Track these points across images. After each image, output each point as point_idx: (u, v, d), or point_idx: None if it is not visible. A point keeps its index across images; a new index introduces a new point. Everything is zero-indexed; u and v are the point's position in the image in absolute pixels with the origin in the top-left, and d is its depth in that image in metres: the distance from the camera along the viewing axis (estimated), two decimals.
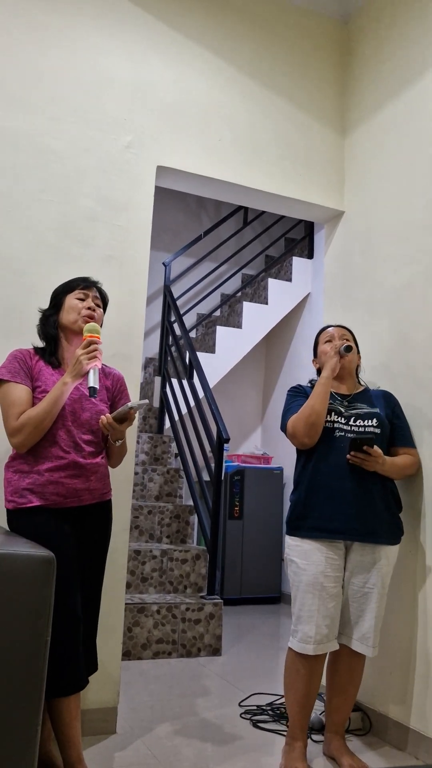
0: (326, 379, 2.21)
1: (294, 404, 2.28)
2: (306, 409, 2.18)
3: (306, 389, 2.34)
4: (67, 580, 1.86)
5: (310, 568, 2.11)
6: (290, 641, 2.15)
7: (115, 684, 2.39)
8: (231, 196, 3.02)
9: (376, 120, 2.94)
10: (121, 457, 2.14)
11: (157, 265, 5.88)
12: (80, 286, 2.06)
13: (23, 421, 1.89)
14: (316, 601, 2.09)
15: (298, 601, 2.13)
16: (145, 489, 4.27)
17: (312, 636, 2.07)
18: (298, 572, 2.14)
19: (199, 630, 3.48)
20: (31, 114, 2.53)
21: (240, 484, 5.00)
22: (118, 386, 2.16)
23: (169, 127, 2.78)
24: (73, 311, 2.02)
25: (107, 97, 2.68)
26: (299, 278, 5.40)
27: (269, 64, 3.05)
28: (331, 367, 2.23)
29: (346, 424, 2.23)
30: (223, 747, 2.27)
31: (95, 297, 2.08)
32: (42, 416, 1.88)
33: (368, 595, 2.16)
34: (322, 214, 3.16)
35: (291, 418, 2.22)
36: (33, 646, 1.36)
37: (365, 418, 2.25)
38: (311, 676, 2.10)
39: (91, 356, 1.89)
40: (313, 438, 2.18)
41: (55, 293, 2.09)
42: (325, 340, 2.37)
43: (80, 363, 1.88)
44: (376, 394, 2.40)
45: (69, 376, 1.89)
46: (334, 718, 2.23)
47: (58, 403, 1.90)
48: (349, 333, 2.40)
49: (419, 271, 2.55)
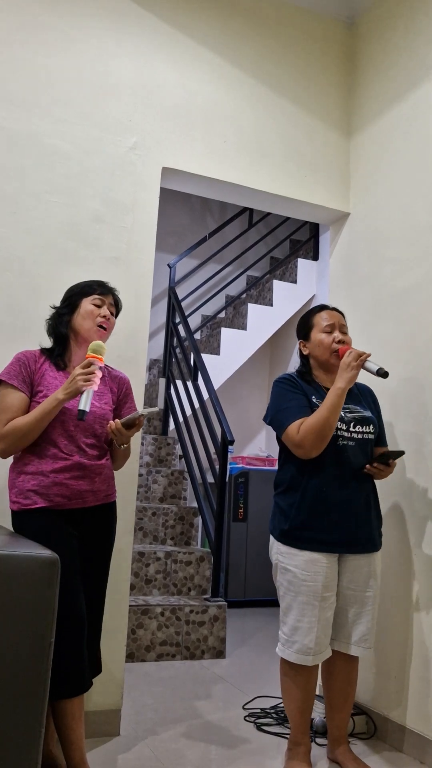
0: (342, 391, 2.03)
1: (292, 404, 2.10)
2: (320, 421, 2.01)
3: (299, 383, 2.17)
4: (71, 582, 1.86)
5: (311, 579, 2.04)
6: (282, 651, 2.07)
7: (119, 686, 2.38)
8: (236, 197, 3.02)
9: (382, 122, 2.94)
10: (125, 459, 2.13)
11: (162, 267, 5.89)
12: (98, 291, 2.05)
13: (9, 429, 1.88)
14: (317, 613, 2.03)
15: (296, 611, 2.04)
16: (149, 491, 4.27)
17: (312, 647, 2.03)
18: (296, 582, 2.05)
19: (203, 632, 3.47)
20: (37, 116, 2.54)
21: (244, 486, 4.99)
22: (124, 389, 2.15)
23: (174, 129, 2.78)
24: (89, 317, 2.01)
25: (112, 99, 2.68)
26: (304, 280, 5.39)
27: (274, 66, 3.05)
28: (350, 380, 2.04)
29: (347, 431, 2.13)
30: (227, 750, 2.27)
31: (111, 304, 2.07)
32: (28, 428, 1.88)
33: (365, 599, 2.14)
34: (327, 216, 3.15)
35: (296, 426, 2.05)
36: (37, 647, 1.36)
37: (363, 423, 2.16)
38: (308, 682, 2.08)
39: (86, 378, 1.84)
40: (321, 450, 2.05)
41: (71, 293, 2.07)
42: (323, 327, 2.19)
43: (75, 383, 1.85)
44: (361, 389, 2.31)
45: (62, 393, 1.87)
46: (336, 722, 2.21)
47: (46, 417, 1.88)
48: (345, 321, 2.24)
49: (425, 274, 2.54)
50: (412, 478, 2.45)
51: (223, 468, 3.70)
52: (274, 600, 4.99)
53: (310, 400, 2.13)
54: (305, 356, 2.27)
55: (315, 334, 2.21)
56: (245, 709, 2.70)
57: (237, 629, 4.16)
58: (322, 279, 5.33)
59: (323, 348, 2.18)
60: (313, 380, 2.22)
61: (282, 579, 2.10)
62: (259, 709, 2.68)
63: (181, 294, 5.82)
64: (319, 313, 2.24)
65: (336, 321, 2.20)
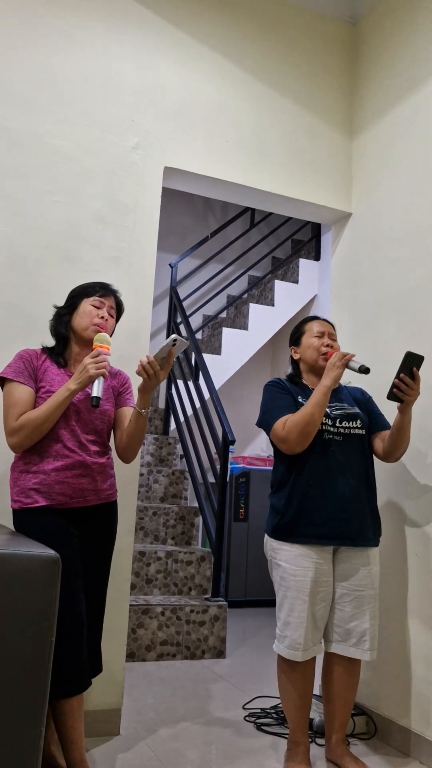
0: (327, 388, 2.11)
1: (279, 404, 2.18)
2: (304, 417, 2.09)
3: (287, 386, 2.26)
4: (72, 581, 1.86)
5: (300, 573, 2.07)
6: (276, 646, 2.11)
7: (119, 685, 2.38)
8: (238, 197, 3.02)
9: (384, 122, 2.93)
10: (141, 437, 2.02)
11: (164, 267, 5.89)
12: (99, 292, 2.06)
13: (22, 422, 1.89)
14: (306, 608, 2.06)
15: (286, 606, 2.09)
16: (150, 490, 4.27)
17: (301, 643, 2.05)
18: (286, 577, 2.09)
19: (203, 632, 3.47)
20: (39, 116, 2.54)
21: (245, 486, 4.99)
22: (125, 386, 2.15)
23: (176, 129, 2.78)
24: (86, 317, 2.02)
25: (115, 99, 2.68)
26: (306, 280, 5.39)
27: (277, 66, 3.05)
28: (335, 378, 2.13)
29: (333, 425, 2.19)
30: (227, 750, 2.27)
31: (111, 307, 2.07)
32: (42, 419, 1.88)
33: (362, 597, 2.14)
34: (329, 216, 3.15)
35: (282, 423, 2.13)
36: (38, 646, 1.36)
37: (350, 419, 2.22)
38: (304, 679, 2.09)
39: (98, 366, 1.87)
40: (305, 446, 2.11)
41: (73, 293, 2.08)
42: (314, 333, 2.29)
43: (87, 371, 1.87)
44: (350, 390, 2.38)
45: (74, 383, 1.89)
46: (334, 724, 2.20)
47: (59, 408, 1.89)
48: (335, 332, 2.35)
49: (426, 274, 2.54)
50: (411, 476, 2.45)
51: (224, 468, 3.70)
52: (274, 600, 4.98)
53: (296, 399, 2.22)
54: (296, 362, 2.37)
55: (306, 338, 2.32)
56: (245, 708, 2.70)
57: (237, 629, 4.16)
58: (323, 279, 5.33)
59: (313, 350, 2.28)
60: (301, 382, 2.31)
61: (275, 575, 2.15)
62: (259, 709, 2.68)
63: (183, 294, 5.82)
64: (312, 322, 2.36)
65: (326, 330, 2.32)
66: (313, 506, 2.11)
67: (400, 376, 2.07)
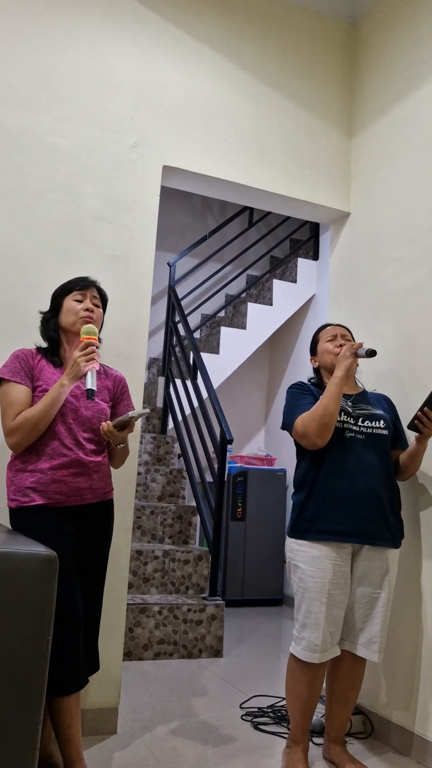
0: (340, 379, 2.14)
1: (302, 403, 2.20)
2: (319, 408, 2.10)
3: (309, 387, 2.29)
4: (69, 579, 1.86)
5: (318, 575, 2.07)
6: (293, 647, 2.11)
7: (116, 684, 2.38)
8: (236, 196, 3.02)
9: (384, 122, 2.93)
10: (124, 458, 2.13)
11: (162, 266, 5.88)
12: (77, 287, 2.06)
13: (20, 421, 1.89)
14: (324, 609, 2.05)
15: (304, 607, 2.08)
16: (147, 489, 4.27)
17: (318, 645, 2.04)
18: (304, 578, 2.09)
19: (200, 631, 3.47)
20: (38, 113, 2.53)
21: (243, 485, 5.00)
22: (120, 387, 2.15)
23: (175, 127, 2.78)
24: (71, 313, 2.02)
25: (114, 97, 2.68)
26: (304, 279, 5.39)
27: (276, 65, 3.05)
28: (346, 368, 2.15)
29: (355, 424, 2.19)
30: (224, 748, 2.27)
31: (93, 297, 2.07)
32: (39, 417, 1.88)
33: (376, 600, 2.14)
34: (327, 216, 3.15)
35: (301, 417, 2.14)
36: (34, 645, 1.36)
37: (373, 419, 2.22)
38: (314, 682, 2.09)
39: (88, 358, 1.88)
40: (326, 439, 2.11)
41: (54, 295, 2.10)
42: (327, 338, 2.33)
43: (77, 365, 1.88)
44: (376, 397, 2.38)
45: (66, 378, 1.89)
46: (334, 723, 2.21)
47: (55, 404, 1.89)
48: (349, 333, 2.38)
49: (425, 274, 2.54)
50: (423, 475, 2.45)
51: (222, 467, 3.70)
52: (272, 599, 4.99)
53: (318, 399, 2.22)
54: (316, 370, 2.40)
55: (321, 345, 2.36)
56: (242, 708, 2.70)
57: (235, 628, 4.16)
58: (322, 279, 5.33)
59: (327, 353, 2.31)
60: (323, 384, 2.34)
61: (294, 576, 2.15)
62: (256, 708, 2.68)
63: (181, 293, 5.82)
64: (324, 329, 2.39)
65: (338, 332, 2.35)
66: (332, 503, 2.11)
67: (423, 409, 2.12)
